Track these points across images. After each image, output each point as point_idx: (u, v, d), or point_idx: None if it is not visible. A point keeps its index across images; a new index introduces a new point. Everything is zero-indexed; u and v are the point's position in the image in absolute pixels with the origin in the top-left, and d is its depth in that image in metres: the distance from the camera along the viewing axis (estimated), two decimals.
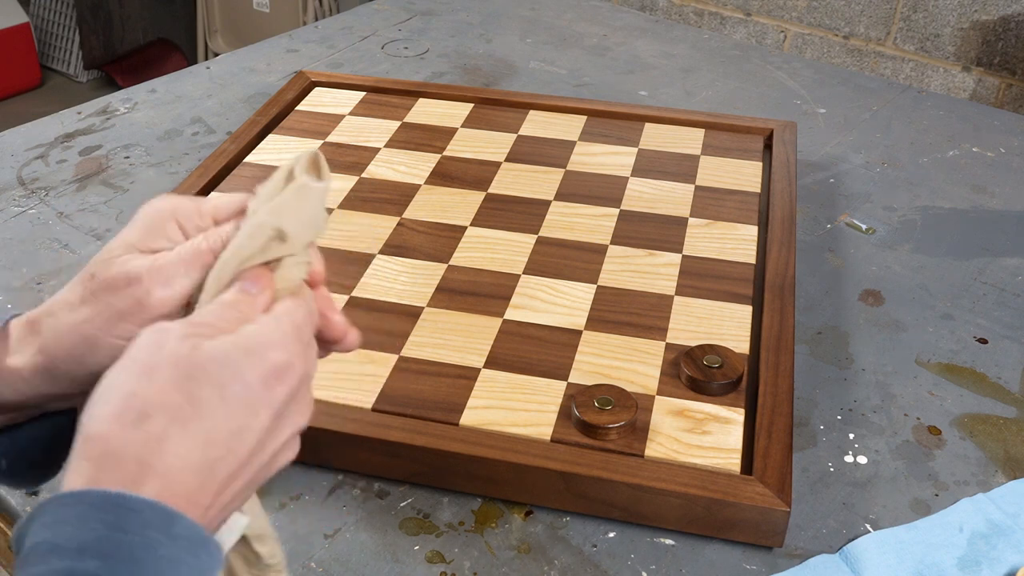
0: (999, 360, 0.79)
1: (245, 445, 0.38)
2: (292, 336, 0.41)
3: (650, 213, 0.90)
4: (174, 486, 0.36)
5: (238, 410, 0.38)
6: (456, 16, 1.46)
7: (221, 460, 0.37)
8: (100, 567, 0.33)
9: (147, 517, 0.34)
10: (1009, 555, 0.62)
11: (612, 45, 1.37)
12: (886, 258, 0.91)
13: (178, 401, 0.37)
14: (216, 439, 0.37)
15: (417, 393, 0.68)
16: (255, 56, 1.30)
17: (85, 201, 0.97)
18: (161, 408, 0.37)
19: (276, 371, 0.39)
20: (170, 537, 0.35)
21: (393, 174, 0.95)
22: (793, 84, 1.26)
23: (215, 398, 0.38)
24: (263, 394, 0.39)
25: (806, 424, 0.72)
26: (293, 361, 0.40)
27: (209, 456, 0.37)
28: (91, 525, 0.34)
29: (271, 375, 0.39)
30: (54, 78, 3.26)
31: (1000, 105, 1.51)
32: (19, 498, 0.64)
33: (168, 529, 0.35)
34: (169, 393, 0.37)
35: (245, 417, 0.38)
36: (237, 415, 0.38)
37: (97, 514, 0.34)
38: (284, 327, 0.41)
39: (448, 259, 0.83)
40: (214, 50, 3.08)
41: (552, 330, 0.75)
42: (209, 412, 0.37)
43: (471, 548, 0.62)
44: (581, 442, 0.64)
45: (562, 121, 1.05)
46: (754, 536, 0.62)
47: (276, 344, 0.40)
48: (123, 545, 0.34)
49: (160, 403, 0.37)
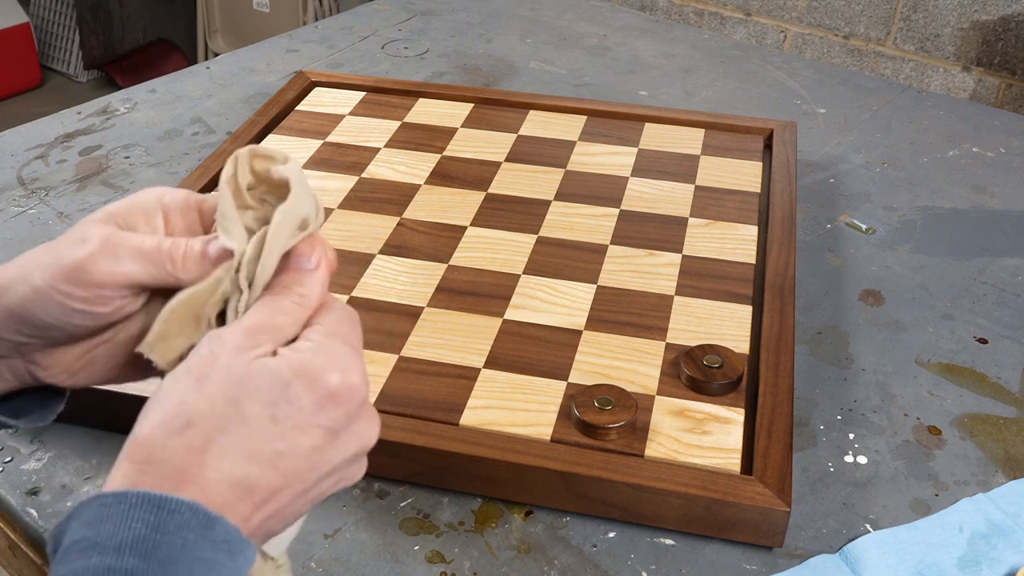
0: (999, 360, 0.79)
1: (292, 465, 0.38)
2: (346, 357, 0.40)
3: (650, 213, 0.90)
4: (212, 496, 0.36)
5: (287, 431, 0.38)
6: (456, 16, 1.46)
7: (263, 477, 0.37)
8: (138, 565, 0.33)
9: (186, 519, 0.35)
10: (1009, 555, 0.62)
11: (612, 45, 1.37)
12: (886, 258, 0.91)
13: (225, 413, 0.37)
14: (259, 456, 0.37)
15: (417, 393, 0.68)
16: (255, 56, 1.30)
17: (85, 201, 0.97)
18: (207, 418, 0.37)
19: (332, 394, 0.39)
20: (208, 540, 0.35)
21: (393, 174, 0.95)
22: (793, 84, 1.26)
23: (264, 416, 0.38)
24: (316, 416, 0.38)
25: (806, 424, 0.72)
26: (352, 381, 0.39)
27: (250, 472, 0.37)
28: (131, 524, 0.34)
29: (327, 397, 0.39)
30: (54, 78, 3.26)
31: (1000, 105, 1.51)
32: (19, 498, 0.64)
33: (206, 532, 0.35)
34: (217, 405, 0.37)
35: (294, 437, 0.38)
36: (286, 435, 0.38)
37: (138, 513, 0.34)
38: (336, 348, 0.40)
39: (448, 259, 0.83)
40: (214, 50, 3.08)
41: (552, 330, 0.75)
42: (256, 428, 0.37)
43: (471, 548, 0.62)
44: (581, 442, 0.64)
45: (562, 121, 1.05)
46: (754, 536, 0.62)
47: (333, 366, 0.39)
48: (161, 545, 0.34)
49: (207, 413, 0.37)
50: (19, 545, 0.67)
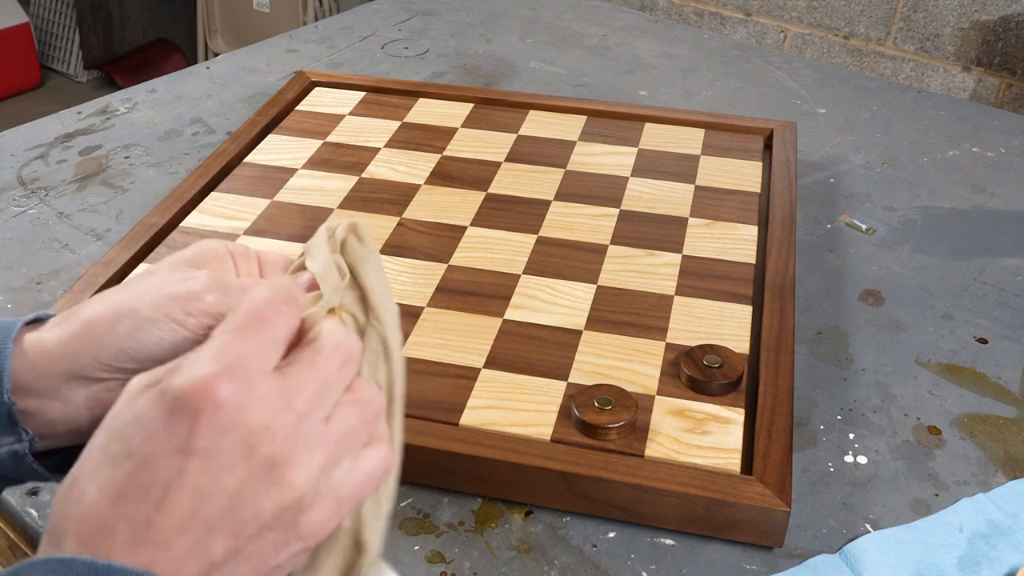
0: (999, 360, 0.79)
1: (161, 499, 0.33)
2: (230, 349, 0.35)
3: (650, 213, 0.90)
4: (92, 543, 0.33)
5: (144, 460, 0.33)
6: (456, 16, 1.46)
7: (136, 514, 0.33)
8: None
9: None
10: (1009, 555, 0.62)
11: (612, 45, 1.37)
12: (886, 258, 0.91)
13: (97, 462, 0.34)
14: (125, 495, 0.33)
15: (417, 393, 0.68)
16: (255, 56, 1.30)
17: (85, 201, 0.97)
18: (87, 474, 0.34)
19: (179, 401, 0.33)
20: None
21: (393, 174, 0.95)
22: (793, 84, 1.26)
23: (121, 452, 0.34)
24: (167, 436, 0.33)
25: (806, 424, 0.72)
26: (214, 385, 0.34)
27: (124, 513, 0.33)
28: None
29: (176, 407, 0.33)
30: (54, 78, 3.26)
31: (1000, 105, 1.51)
32: (19, 498, 0.64)
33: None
34: (93, 456, 0.34)
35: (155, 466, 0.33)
36: (148, 466, 0.33)
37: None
38: (229, 341, 0.35)
39: (448, 259, 0.83)
40: (214, 50, 3.08)
41: (552, 330, 0.75)
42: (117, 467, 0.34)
43: (471, 548, 0.62)
44: (581, 442, 0.64)
45: (562, 121, 1.06)
46: (754, 536, 0.62)
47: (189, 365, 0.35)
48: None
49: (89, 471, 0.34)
50: (19, 545, 0.67)
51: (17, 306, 0.82)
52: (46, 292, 0.83)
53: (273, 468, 0.34)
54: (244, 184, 0.93)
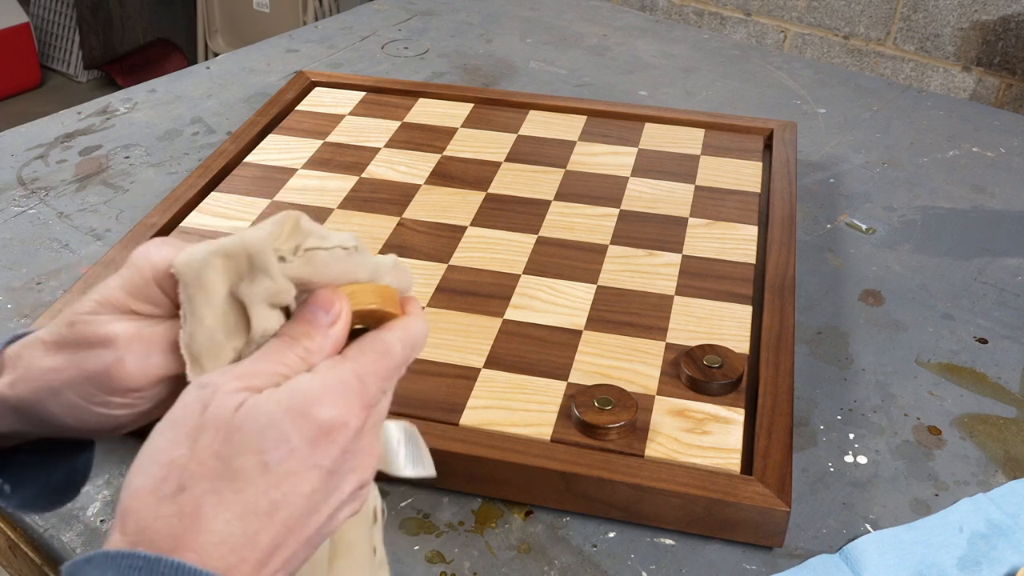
0: (999, 360, 0.79)
1: (291, 512, 0.36)
2: (347, 388, 0.38)
3: (650, 213, 0.90)
4: (209, 560, 0.35)
5: (281, 478, 0.36)
6: (456, 16, 1.46)
7: (263, 531, 0.36)
8: None
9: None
10: (1009, 555, 0.62)
11: (612, 45, 1.37)
12: (886, 258, 0.91)
13: (216, 470, 0.35)
14: (256, 511, 0.36)
15: (417, 393, 0.68)
16: (255, 56, 1.30)
17: (85, 201, 0.97)
18: (197, 479, 0.35)
19: (324, 430, 0.37)
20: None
21: (393, 174, 0.95)
22: (793, 84, 1.26)
23: (255, 467, 0.36)
24: (310, 456, 0.37)
25: (806, 424, 0.72)
26: (345, 417, 0.37)
27: (248, 529, 0.35)
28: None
29: (320, 435, 0.37)
30: (54, 78, 3.26)
31: (1000, 105, 1.51)
32: None
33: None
34: (207, 463, 0.36)
35: (290, 484, 0.36)
36: (280, 484, 0.36)
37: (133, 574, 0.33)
38: (340, 377, 0.38)
39: (448, 259, 0.83)
40: (214, 50, 3.08)
41: (552, 330, 0.75)
42: (249, 483, 0.36)
43: (471, 548, 0.62)
44: (581, 442, 0.64)
45: (562, 121, 1.05)
46: (754, 536, 0.62)
47: (325, 400, 0.37)
48: None
49: (197, 474, 0.35)
50: (19, 545, 0.67)
51: (17, 306, 0.82)
52: (46, 292, 0.83)
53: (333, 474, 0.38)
54: (244, 184, 0.93)
